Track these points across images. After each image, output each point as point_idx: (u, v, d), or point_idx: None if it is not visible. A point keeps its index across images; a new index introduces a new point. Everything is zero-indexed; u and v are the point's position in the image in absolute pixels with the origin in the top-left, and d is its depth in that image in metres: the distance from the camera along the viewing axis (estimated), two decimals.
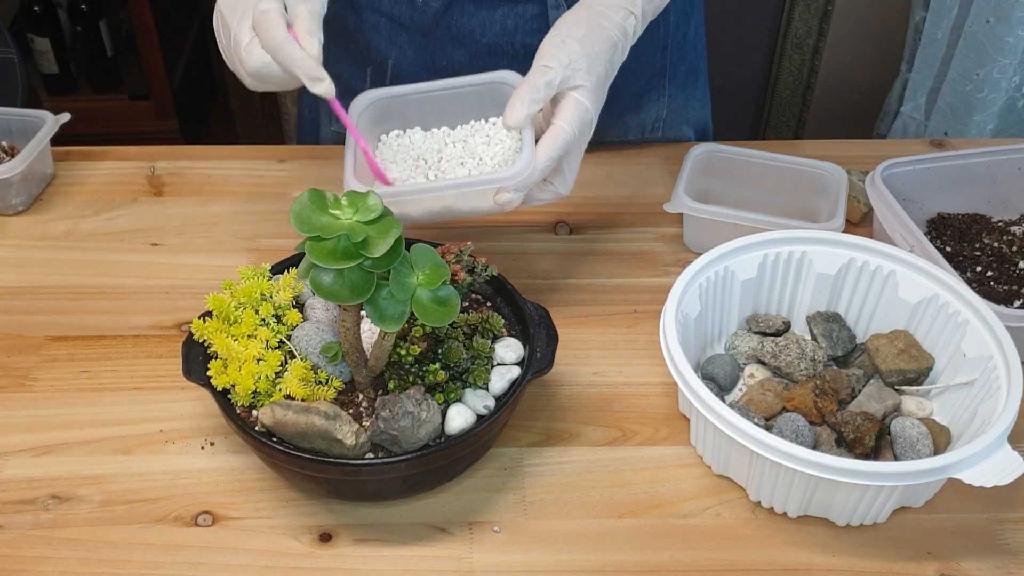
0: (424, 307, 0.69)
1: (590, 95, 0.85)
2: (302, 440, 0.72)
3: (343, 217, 0.68)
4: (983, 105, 1.86)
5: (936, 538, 0.78)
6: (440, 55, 1.10)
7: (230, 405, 0.76)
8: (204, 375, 0.77)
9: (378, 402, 0.73)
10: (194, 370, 0.78)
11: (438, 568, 0.75)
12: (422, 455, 0.72)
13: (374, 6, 1.09)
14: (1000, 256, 1.01)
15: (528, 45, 1.08)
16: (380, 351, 0.76)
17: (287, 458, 0.73)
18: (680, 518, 0.79)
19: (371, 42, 1.12)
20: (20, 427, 0.85)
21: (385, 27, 1.10)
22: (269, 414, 0.72)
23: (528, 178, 0.82)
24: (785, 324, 0.92)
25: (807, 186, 1.06)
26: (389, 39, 1.11)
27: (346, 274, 0.67)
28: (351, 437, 0.71)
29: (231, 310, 0.79)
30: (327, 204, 0.69)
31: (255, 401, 0.76)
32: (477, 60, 1.08)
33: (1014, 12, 1.74)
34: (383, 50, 1.11)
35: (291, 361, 0.78)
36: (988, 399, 0.78)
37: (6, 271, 1.02)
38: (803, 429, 0.80)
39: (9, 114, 1.13)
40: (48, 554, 0.76)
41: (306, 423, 0.71)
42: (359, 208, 0.68)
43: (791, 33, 2.15)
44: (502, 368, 0.80)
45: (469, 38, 1.08)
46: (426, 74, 1.10)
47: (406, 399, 0.72)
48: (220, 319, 0.79)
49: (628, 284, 1.01)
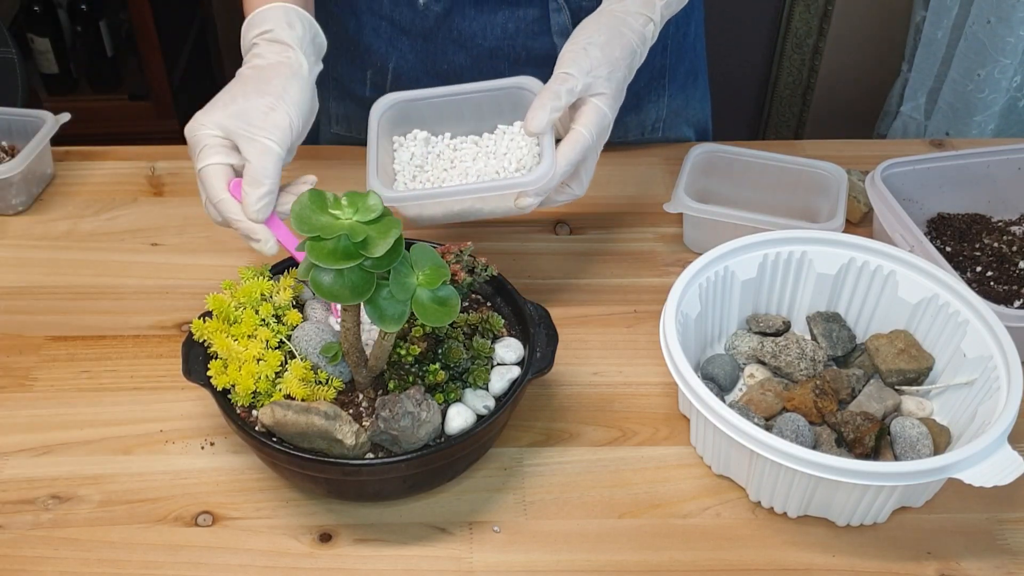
0: (424, 307, 0.69)
1: (609, 101, 0.85)
2: (302, 440, 0.72)
3: (343, 217, 0.68)
4: (983, 105, 1.86)
5: (936, 538, 0.78)
6: (441, 59, 1.10)
7: (230, 405, 0.76)
8: (204, 375, 0.77)
9: (378, 402, 0.73)
10: (194, 370, 0.78)
11: (438, 568, 0.75)
12: (422, 455, 0.72)
13: (374, 10, 1.09)
14: (1000, 256, 1.01)
15: (529, 48, 1.08)
16: (380, 351, 0.76)
17: (287, 458, 0.73)
18: (680, 518, 0.79)
19: (371, 46, 1.12)
20: (20, 427, 0.85)
21: (386, 31, 1.10)
22: (269, 414, 0.72)
23: (549, 183, 0.83)
24: (785, 324, 0.92)
25: (807, 186, 1.06)
26: (389, 43, 1.11)
27: (346, 274, 0.67)
28: (351, 437, 0.71)
29: (231, 310, 0.79)
30: (327, 204, 0.69)
31: (255, 401, 0.76)
32: (478, 63, 1.08)
33: (1015, 12, 1.74)
34: (384, 54, 1.11)
35: (291, 361, 0.78)
36: (988, 399, 0.78)
37: (6, 271, 1.02)
38: (803, 429, 0.80)
39: (9, 114, 1.13)
40: (48, 554, 0.76)
41: (306, 423, 0.71)
42: (359, 208, 0.68)
43: (791, 33, 2.15)
44: (502, 368, 0.80)
45: (470, 42, 1.08)
46: (427, 78, 1.10)
47: (406, 399, 0.72)
48: (220, 319, 0.79)
49: (628, 284, 1.01)
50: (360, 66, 1.14)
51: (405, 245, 0.70)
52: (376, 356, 0.76)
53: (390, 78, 1.13)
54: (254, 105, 0.80)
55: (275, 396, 0.76)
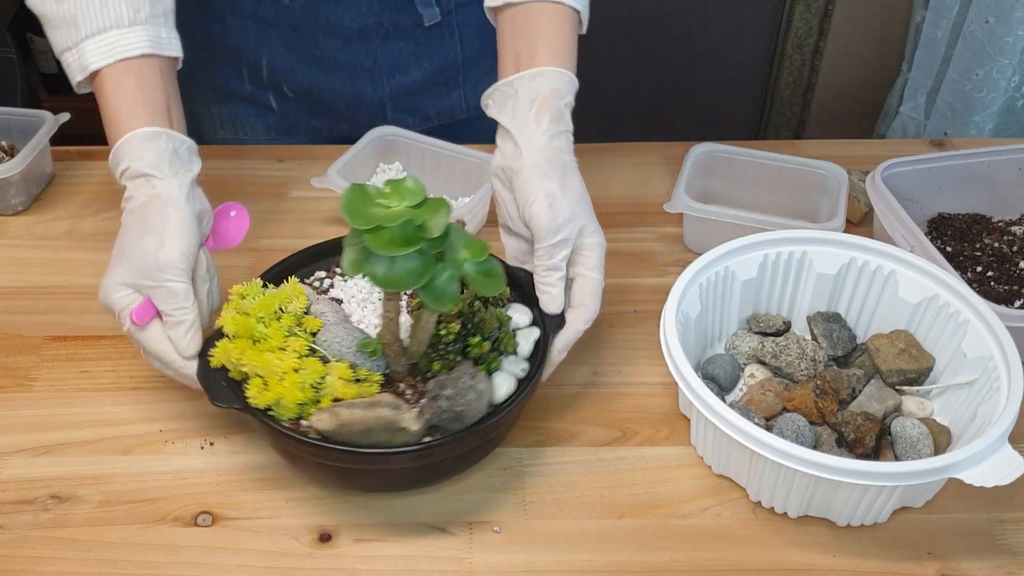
0: (474, 279, 0.72)
1: (598, 231, 0.84)
2: (365, 437, 0.72)
3: (393, 206, 0.69)
4: (983, 105, 1.86)
5: (936, 538, 0.78)
6: (313, 46, 1.11)
7: (275, 420, 0.74)
8: (236, 398, 0.74)
9: (433, 384, 0.74)
10: (222, 396, 0.75)
11: (438, 568, 0.75)
12: (490, 423, 0.74)
13: (237, 10, 1.09)
14: (1000, 256, 1.01)
15: (397, 22, 1.09)
16: (422, 334, 0.76)
17: (354, 457, 0.72)
18: (680, 518, 0.79)
19: (240, 45, 1.12)
20: (20, 427, 0.85)
21: (252, 28, 1.11)
22: (329, 418, 0.72)
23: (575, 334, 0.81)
24: (785, 324, 0.92)
25: (807, 186, 1.06)
26: (259, 39, 1.11)
27: (403, 260, 0.68)
28: (415, 423, 0.72)
29: (255, 327, 0.77)
30: (371, 196, 0.70)
31: (301, 411, 0.75)
32: (351, 45, 1.09)
33: (1014, 12, 1.74)
34: (255, 50, 1.12)
35: (329, 364, 0.76)
36: (988, 399, 0.78)
37: (6, 271, 1.02)
38: (803, 429, 0.80)
39: (9, 114, 1.13)
40: (48, 554, 0.76)
41: (375, 417, 0.71)
42: (404, 194, 0.69)
43: (791, 33, 2.15)
44: (523, 332, 0.82)
45: (339, 25, 1.09)
46: (302, 66, 1.11)
47: (464, 375, 0.73)
48: (244, 338, 0.77)
49: (628, 284, 1.01)
50: (234, 65, 1.15)
51: None
52: (419, 341, 0.77)
53: (266, 72, 1.14)
54: (142, 251, 0.78)
55: (324, 402, 0.74)
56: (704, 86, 2.25)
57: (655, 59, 2.20)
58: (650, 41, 2.17)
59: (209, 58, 1.14)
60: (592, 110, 2.33)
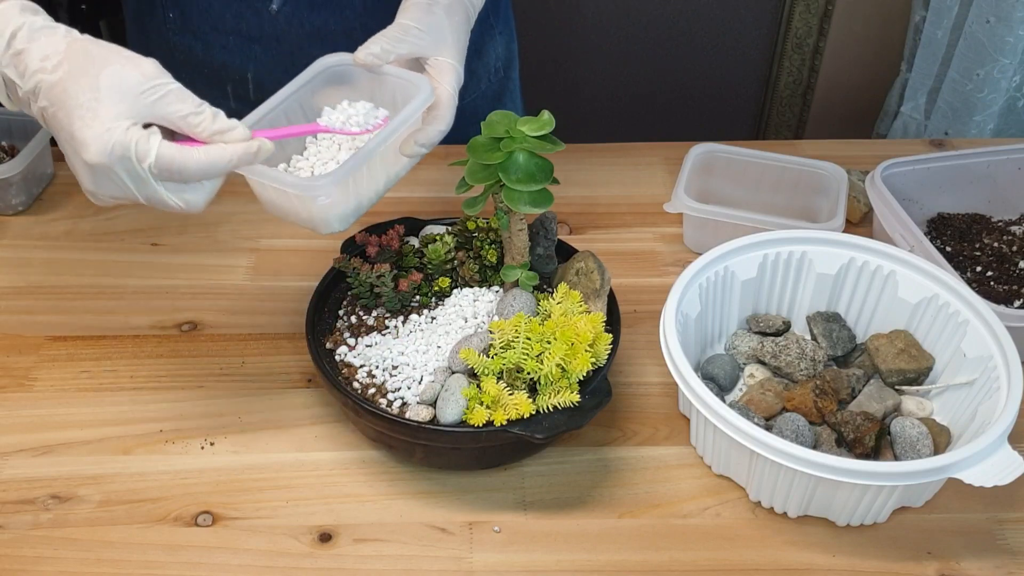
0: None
1: (459, 65, 0.82)
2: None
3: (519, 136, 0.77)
4: (983, 105, 1.86)
5: (936, 538, 0.78)
6: (299, 54, 1.10)
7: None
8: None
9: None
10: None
11: (438, 568, 0.75)
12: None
13: (218, 28, 1.09)
14: (1000, 256, 1.01)
15: (383, 25, 1.09)
16: (520, 243, 0.85)
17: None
18: (680, 518, 0.79)
19: (224, 62, 1.12)
20: (20, 427, 0.85)
21: (235, 44, 1.10)
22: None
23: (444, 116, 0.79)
24: (785, 324, 0.92)
25: (807, 186, 1.06)
26: (243, 54, 1.11)
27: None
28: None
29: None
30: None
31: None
32: (337, 49, 1.09)
33: (1014, 12, 1.74)
34: (239, 66, 1.12)
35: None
36: (988, 399, 0.78)
37: (6, 271, 1.02)
38: (803, 429, 0.80)
39: (9, 114, 1.13)
40: (48, 554, 0.76)
41: None
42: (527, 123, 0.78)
43: (791, 33, 2.15)
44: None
45: (324, 30, 1.09)
46: (288, 77, 1.09)
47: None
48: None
49: (628, 284, 1.01)
50: (219, 84, 1.14)
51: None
52: (520, 250, 0.85)
53: (252, 87, 1.14)
54: (114, 76, 0.69)
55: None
56: (704, 86, 2.24)
57: (655, 59, 2.20)
58: (650, 41, 2.17)
59: (193, 78, 1.12)
60: (592, 110, 2.33)
